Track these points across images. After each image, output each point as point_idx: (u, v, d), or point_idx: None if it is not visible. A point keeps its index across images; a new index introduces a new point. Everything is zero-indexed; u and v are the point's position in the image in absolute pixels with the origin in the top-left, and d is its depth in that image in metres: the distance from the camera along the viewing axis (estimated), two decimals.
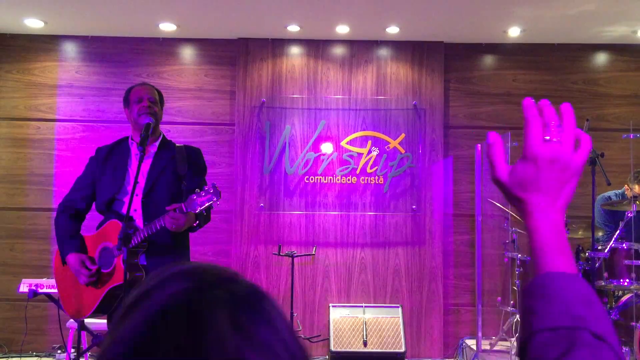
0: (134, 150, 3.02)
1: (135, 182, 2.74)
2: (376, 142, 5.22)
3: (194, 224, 2.84)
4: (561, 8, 4.62)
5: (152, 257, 2.89)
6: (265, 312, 0.56)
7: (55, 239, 3.14)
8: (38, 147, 5.30)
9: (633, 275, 4.17)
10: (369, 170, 5.18)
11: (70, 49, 5.39)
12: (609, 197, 4.81)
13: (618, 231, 4.29)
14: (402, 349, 4.77)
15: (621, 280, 4.23)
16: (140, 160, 2.77)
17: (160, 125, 3.11)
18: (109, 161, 3.03)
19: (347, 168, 5.18)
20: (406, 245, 5.20)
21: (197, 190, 2.65)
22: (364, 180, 5.19)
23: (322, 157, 5.20)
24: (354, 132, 5.24)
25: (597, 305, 0.71)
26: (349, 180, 5.19)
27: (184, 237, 3.02)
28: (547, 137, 0.78)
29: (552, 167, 0.78)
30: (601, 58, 5.47)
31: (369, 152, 5.20)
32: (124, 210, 2.78)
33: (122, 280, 2.74)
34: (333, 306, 5.02)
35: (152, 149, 3.03)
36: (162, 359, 0.50)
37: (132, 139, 3.06)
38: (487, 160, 0.83)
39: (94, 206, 3.12)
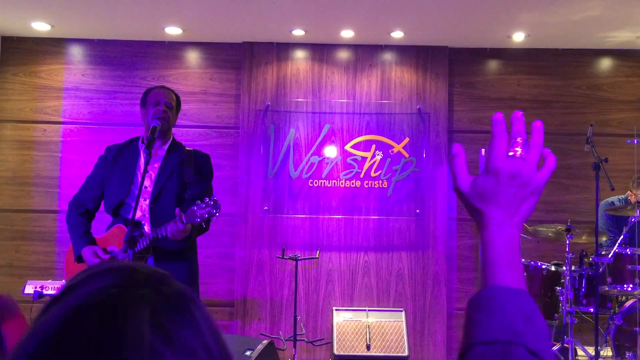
0: (143, 152, 3.04)
1: (141, 187, 2.76)
2: (380, 146, 5.24)
3: (183, 238, 2.81)
4: (565, 13, 4.64)
5: (160, 262, 2.91)
6: (189, 314, 0.56)
7: (60, 241, 3.17)
8: (44, 149, 5.33)
9: (637, 280, 4.16)
10: (372, 174, 5.20)
11: (76, 52, 5.42)
12: (613, 203, 4.81)
13: (622, 236, 4.29)
14: (406, 353, 4.77)
15: (625, 285, 4.22)
16: (147, 164, 2.79)
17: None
18: (118, 162, 3.05)
19: (351, 172, 5.20)
20: (410, 250, 5.20)
21: (198, 202, 2.65)
22: (367, 184, 5.20)
23: (326, 161, 5.22)
24: (358, 136, 5.25)
25: (538, 322, 0.72)
26: (352, 184, 5.20)
27: (190, 242, 3.03)
28: (511, 153, 0.79)
29: (512, 183, 0.78)
30: (605, 63, 5.48)
31: (373, 156, 5.21)
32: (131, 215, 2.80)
33: None
34: (336, 310, 5.03)
35: (161, 152, 3.04)
36: (74, 355, 0.49)
37: (142, 141, 3.08)
38: (450, 170, 0.84)
39: (102, 205, 3.15)
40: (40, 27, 5.10)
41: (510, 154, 0.79)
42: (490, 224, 0.79)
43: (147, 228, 2.93)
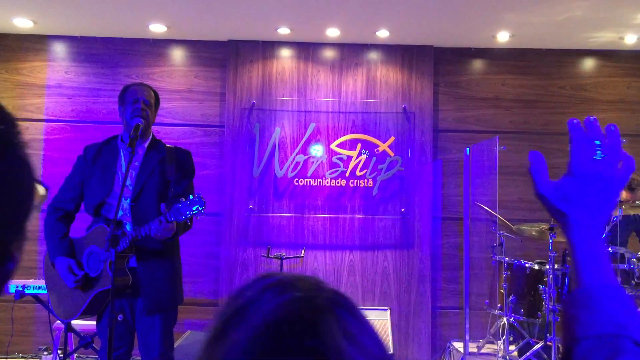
0: (124, 151, 3.01)
1: (123, 186, 2.73)
2: (366, 145, 5.24)
3: (167, 238, 2.81)
4: (549, 14, 4.67)
5: (143, 262, 2.89)
6: (362, 319, 0.59)
7: (42, 240, 3.13)
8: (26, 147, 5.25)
9: (619, 278, 4.21)
10: (358, 173, 5.20)
11: (59, 49, 5.36)
12: None
13: (604, 235, 4.33)
14: (390, 352, 4.78)
15: None
16: (129, 162, 2.76)
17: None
18: (97, 162, 3.01)
19: (336, 171, 5.20)
20: (395, 248, 5.21)
21: (182, 199, 2.63)
22: (353, 183, 5.20)
23: (311, 160, 5.21)
24: (344, 135, 5.25)
25: (639, 315, 0.76)
26: (338, 182, 5.20)
27: (173, 241, 3.01)
28: (594, 157, 0.84)
29: (596, 185, 0.83)
30: (589, 63, 5.52)
31: (359, 155, 5.21)
32: (113, 215, 2.77)
33: (108, 286, 2.72)
34: None
35: (141, 150, 3.01)
36: None
37: (122, 140, 3.04)
38: (530, 176, 0.88)
39: (83, 206, 3.11)
40: (23, 23, 5.04)
41: (594, 157, 0.84)
42: (577, 224, 0.83)
43: (128, 227, 2.90)
